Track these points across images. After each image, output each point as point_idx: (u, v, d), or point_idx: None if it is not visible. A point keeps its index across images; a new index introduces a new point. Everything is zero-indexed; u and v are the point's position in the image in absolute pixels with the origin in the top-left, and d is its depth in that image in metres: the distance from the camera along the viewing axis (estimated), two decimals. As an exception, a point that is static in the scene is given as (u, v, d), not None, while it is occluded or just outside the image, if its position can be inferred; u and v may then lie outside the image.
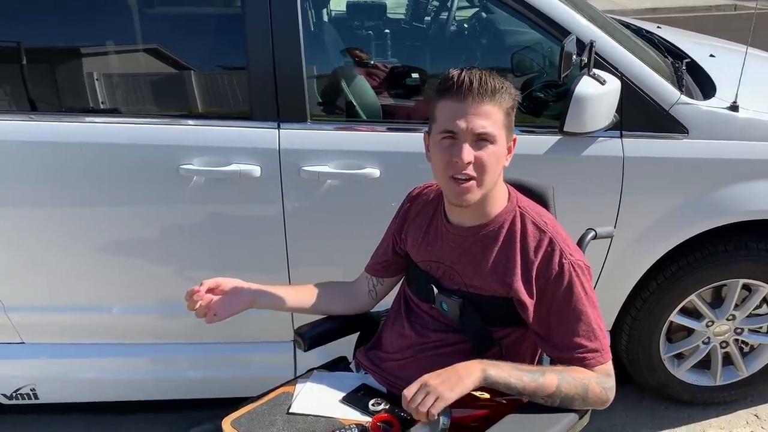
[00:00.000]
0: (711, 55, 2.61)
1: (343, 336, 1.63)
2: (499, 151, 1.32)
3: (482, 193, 1.33)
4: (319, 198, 2.02)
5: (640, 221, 2.09)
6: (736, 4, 9.98)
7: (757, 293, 2.27)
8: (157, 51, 2.06)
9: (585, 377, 1.31)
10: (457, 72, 1.30)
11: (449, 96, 1.30)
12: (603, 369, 1.33)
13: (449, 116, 1.30)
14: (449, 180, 1.32)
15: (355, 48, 2.58)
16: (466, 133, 1.28)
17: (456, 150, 1.29)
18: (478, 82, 1.27)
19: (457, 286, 1.42)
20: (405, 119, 2.25)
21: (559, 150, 2.00)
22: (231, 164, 1.96)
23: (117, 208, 2.02)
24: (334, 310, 1.62)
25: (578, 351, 1.32)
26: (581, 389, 1.29)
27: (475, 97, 1.27)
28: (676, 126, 2.02)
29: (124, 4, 2.04)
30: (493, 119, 1.29)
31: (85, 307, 2.19)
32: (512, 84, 1.36)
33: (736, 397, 2.46)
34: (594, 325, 1.33)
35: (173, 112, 2.03)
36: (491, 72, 1.32)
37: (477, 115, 1.28)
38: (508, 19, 2.52)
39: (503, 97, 1.30)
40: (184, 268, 2.14)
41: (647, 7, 9.75)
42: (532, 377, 1.28)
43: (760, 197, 2.08)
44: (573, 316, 1.32)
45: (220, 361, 2.31)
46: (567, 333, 1.33)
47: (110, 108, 2.06)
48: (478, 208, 1.37)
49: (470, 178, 1.30)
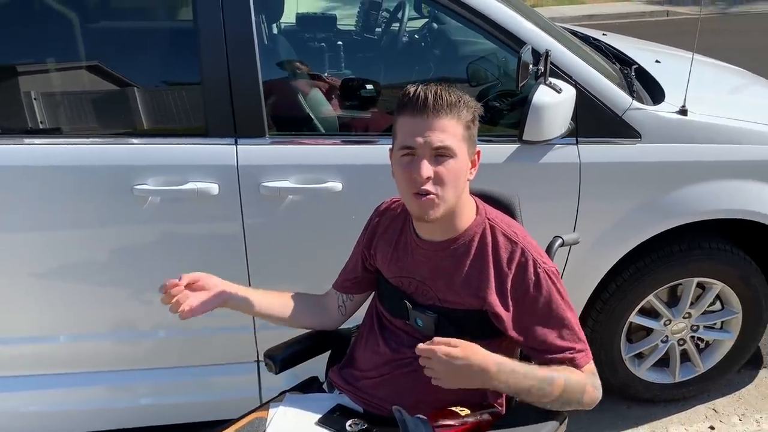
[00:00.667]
0: (656, 60, 2.69)
1: (315, 355, 1.60)
2: (459, 166, 1.31)
3: (446, 208, 1.32)
4: (281, 214, 1.98)
5: (599, 225, 2.13)
6: (668, 10, 10.38)
7: (711, 291, 2.34)
8: (103, 68, 1.99)
9: (581, 380, 1.33)
10: (413, 88, 1.30)
11: (407, 112, 1.30)
12: (590, 368, 1.36)
13: (407, 132, 1.29)
14: (412, 196, 1.31)
15: (295, 60, 2.55)
16: (424, 148, 1.28)
17: (415, 166, 1.28)
18: (434, 97, 1.27)
19: (430, 301, 1.41)
20: (362, 131, 2.23)
21: (517, 158, 2.02)
22: (187, 183, 1.91)
23: (66, 232, 1.94)
24: (304, 323, 1.59)
25: (568, 353, 1.34)
26: (579, 392, 1.32)
27: (431, 113, 1.27)
28: (629, 131, 2.07)
29: (66, 20, 1.96)
30: (451, 133, 1.28)
31: (34, 337, 2.09)
32: (470, 95, 1.36)
33: (694, 392, 2.53)
34: (575, 326, 1.36)
35: (124, 131, 1.97)
36: (450, 86, 1.32)
37: (434, 130, 1.27)
38: (460, 29, 2.56)
39: (461, 110, 1.30)
40: (139, 291, 2.07)
41: (584, 14, 10.06)
42: (540, 387, 1.28)
43: (711, 198, 2.15)
44: (556, 322, 1.34)
45: (181, 385, 2.23)
46: (554, 339, 1.34)
47: (52, 128, 1.97)
48: (446, 222, 1.36)
49: (432, 194, 1.29)
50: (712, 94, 2.55)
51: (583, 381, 1.33)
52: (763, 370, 2.69)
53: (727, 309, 2.40)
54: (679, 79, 2.21)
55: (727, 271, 2.28)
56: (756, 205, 2.18)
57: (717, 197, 2.15)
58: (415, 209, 1.33)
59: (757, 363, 2.72)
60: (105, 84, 2.01)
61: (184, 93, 2.02)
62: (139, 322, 2.14)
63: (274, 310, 1.54)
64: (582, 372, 1.35)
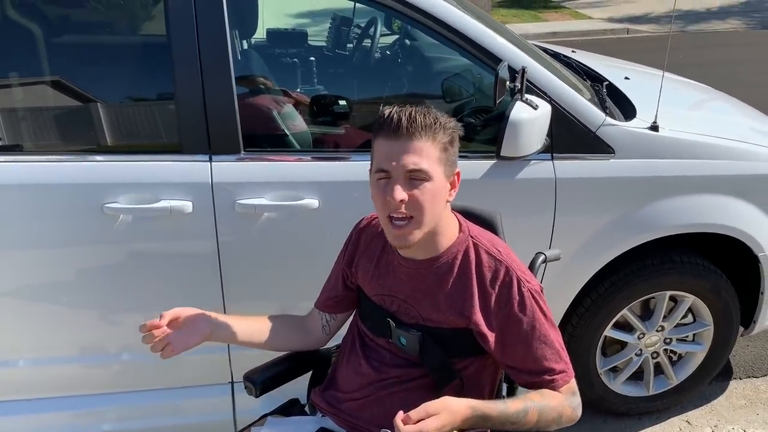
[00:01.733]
0: (626, 77, 2.73)
1: (296, 377, 1.56)
2: (436, 188, 1.29)
3: (423, 233, 1.31)
4: (256, 232, 1.94)
5: (574, 240, 2.14)
6: (628, 28, 10.64)
7: (683, 304, 2.37)
8: (72, 83, 1.93)
9: (557, 404, 1.32)
10: (388, 110, 1.29)
11: (382, 135, 1.29)
12: (570, 387, 1.36)
13: (382, 155, 1.28)
14: (387, 221, 1.30)
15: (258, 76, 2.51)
16: (398, 171, 1.27)
17: (389, 189, 1.27)
18: (407, 119, 1.26)
19: (414, 320, 1.39)
20: (335, 147, 2.21)
21: (494, 174, 2.02)
22: (160, 200, 1.86)
23: (31, 252, 1.87)
24: (290, 347, 1.56)
25: (547, 374, 1.33)
26: (556, 416, 1.32)
27: (404, 135, 1.26)
28: (603, 147, 2.09)
29: (29, 34, 1.90)
30: (425, 155, 1.27)
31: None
32: (445, 111, 1.35)
33: (668, 405, 2.55)
34: (557, 346, 1.35)
35: (94, 148, 1.91)
36: (427, 107, 1.31)
37: (408, 153, 1.26)
38: (431, 45, 2.56)
39: (437, 133, 1.28)
40: (109, 312, 2.01)
41: (548, 31, 10.24)
42: (513, 421, 1.28)
43: (682, 212, 2.18)
44: (539, 342, 1.33)
45: (152, 409, 2.16)
46: (535, 359, 1.33)
47: (13, 145, 1.90)
48: (426, 242, 1.35)
49: (407, 218, 1.28)
50: (681, 110, 2.61)
51: (559, 406, 1.33)
52: (733, 381, 2.73)
53: (698, 321, 2.44)
54: (649, 96, 2.25)
55: (699, 284, 2.32)
56: (726, 219, 2.22)
57: (688, 211, 2.18)
58: (390, 236, 1.33)
59: (728, 374, 2.76)
60: (72, 100, 1.95)
61: (157, 109, 1.98)
62: (107, 344, 2.07)
63: (258, 336, 1.51)
64: (560, 393, 1.35)
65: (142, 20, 2.09)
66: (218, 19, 1.84)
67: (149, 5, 2.06)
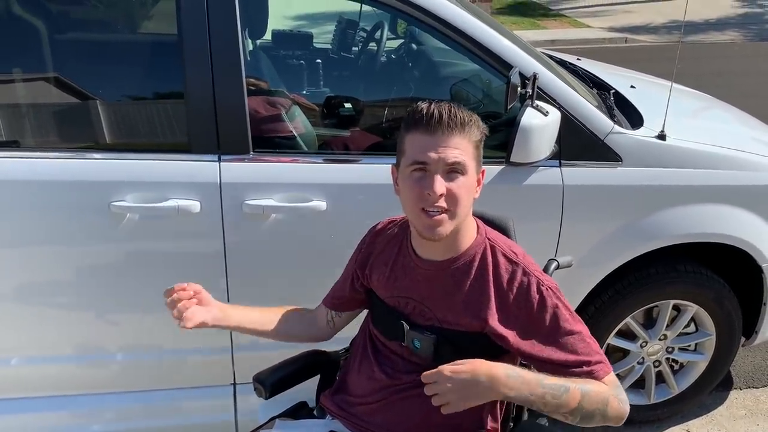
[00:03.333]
0: (632, 86, 2.74)
1: (305, 379, 1.55)
2: (470, 183, 1.31)
3: (454, 226, 1.31)
4: (263, 233, 1.93)
5: (580, 247, 2.14)
6: (626, 37, 10.68)
7: (686, 313, 2.38)
8: (82, 81, 1.92)
9: (603, 391, 1.28)
10: (426, 105, 1.29)
11: (419, 128, 1.28)
12: (612, 380, 1.32)
13: (419, 148, 1.28)
14: (420, 213, 1.29)
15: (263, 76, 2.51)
16: (438, 164, 1.27)
17: (427, 182, 1.27)
18: (448, 114, 1.27)
19: (429, 322, 1.39)
20: (344, 149, 2.21)
21: (503, 180, 2.02)
22: (168, 200, 1.85)
23: (37, 249, 1.86)
24: (295, 336, 1.58)
25: (585, 366, 1.30)
26: (602, 404, 1.27)
27: (446, 130, 1.27)
28: (611, 155, 2.10)
29: (39, 30, 1.89)
30: (464, 150, 1.29)
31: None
32: None
33: (668, 414, 2.55)
34: (588, 339, 1.33)
35: (102, 146, 1.90)
36: (459, 105, 1.32)
37: (448, 146, 1.27)
38: (438, 50, 2.57)
39: (472, 129, 1.31)
40: (113, 311, 1.99)
41: (547, 39, 10.25)
42: (554, 394, 1.24)
43: (688, 221, 2.18)
44: (568, 337, 1.32)
45: (153, 410, 2.15)
46: (566, 355, 1.31)
47: (18, 141, 1.89)
48: (449, 241, 1.35)
49: (442, 211, 1.28)
50: (687, 120, 2.62)
51: (605, 392, 1.28)
52: (733, 391, 2.74)
53: (701, 331, 2.44)
54: (655, 104, 2.25)
55: (702, 294, 2.32)
56: (731, 229, 2.22)
57: (694, 221, 2.19)
58: (423, 227, 1.31)
59: (728, 384, 2.76)
60: (84, 97, 1.94)
61: (167, 108, 1.97)
62: (111, 344, 2.06)
63: (265, 323, 1.52)
64: (604, 383, 1.30)
65: (155, 19, 2.09)
66: (230, 19, 1.83)
67: (161, 4, 2.05)
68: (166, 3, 1.93)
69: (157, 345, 2.08)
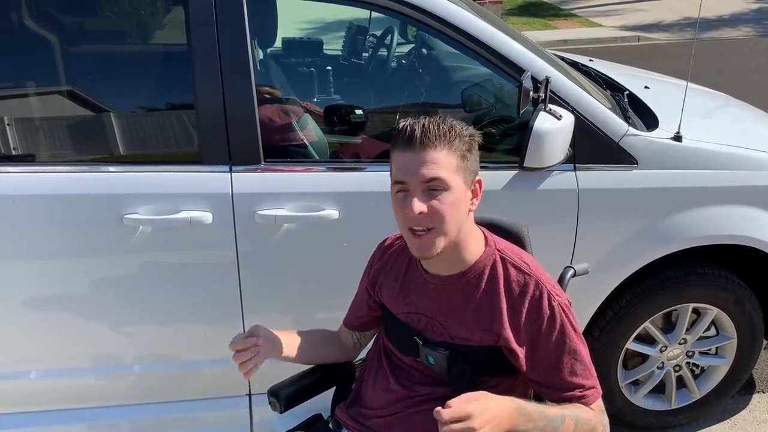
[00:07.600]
0: (645, 86, 2.70)
1: (320, 392, 1.54)
2: (455, 198, 1.27)
3: (446, 242, 1.28)
4: (276, 243, 1.93)
5: (597, 251, 2.11)
6: (639, 36, 10.59)
7: (706, 316, 2.34)
8: (93, 93, 1.92)
9: (591, 418, 1.30)
10: (403, 122, 1.28)
11: (398, 147, 1.27)
12: (599, 406, 1.33)
13: (399, 167, 1.27)
14: (409, 233, 1.28)
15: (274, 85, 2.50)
16: (415, 182, 1.25)
17: (407, 202, 1.25)
18: (421, 129, 1.24)
19: (441, 337, 1.37)
20: (354, 157, 2.19)
21: (516, 185, 2.00)
22: (180, 211, 1.85)
23: (50, 262, 1.86)
24: (332, 360, 1.58)
25: (578, 390, 1.31)
26: (589, 430, 1.29)
27: (419, 146, 1.24)
28: (626, 157, 2.07)
29: (47, 43, 1.90)
30: (442, 165, 1.25)
31: (9, 373, 2.00)
32: (465, 121, 1.33)
33: (690, 419, 2.51)
34: (587, 362, 1.33)
35: (114, 158, 1.90)
36: (443, 117, 1.29)
37: (425, 162, 1.24)
38: (448, 55, 2.55)
39: (452, 141, 1.26)
40: (127, 323, 1.99)
41: (558, 39, 10.20)
42: (554, 426, 1.25)
43: (707, 223, 2.15)
44: (569, 357, 1.31)
45: (168, 422, 2.15)
46: (566, 375, 1.31)
47: (31, 154, 1.89)
48: (451, 256, 1.33)
49: (428, 229, 1.26)
50: (703, 120, 2.58)
51: (592, 420, 1.31)
52: (756, 394, 2.69)
53: (722, 334, 2.40)
54: (670, 105, 2.22)
55: (723, 297, 2.28)
56: (751, 231, 2.18)
57: (713, 223, 2.15)
58: (412, 247, 1.31)
59: (750, 388, 2.71)
60: (94, 109, 1.95)
61: (177, 119, 1.97)
62: (125, 356, 2.06)
63: (300, 351, 1.50)
64: (591, 410, 1.32)
65: (163, 30, 2.09)
66: (239, 29, 1.83)
67: (171, 15, 2.05)
68: (176, 14, 1.93)
69: (171, 356, 2.08)
